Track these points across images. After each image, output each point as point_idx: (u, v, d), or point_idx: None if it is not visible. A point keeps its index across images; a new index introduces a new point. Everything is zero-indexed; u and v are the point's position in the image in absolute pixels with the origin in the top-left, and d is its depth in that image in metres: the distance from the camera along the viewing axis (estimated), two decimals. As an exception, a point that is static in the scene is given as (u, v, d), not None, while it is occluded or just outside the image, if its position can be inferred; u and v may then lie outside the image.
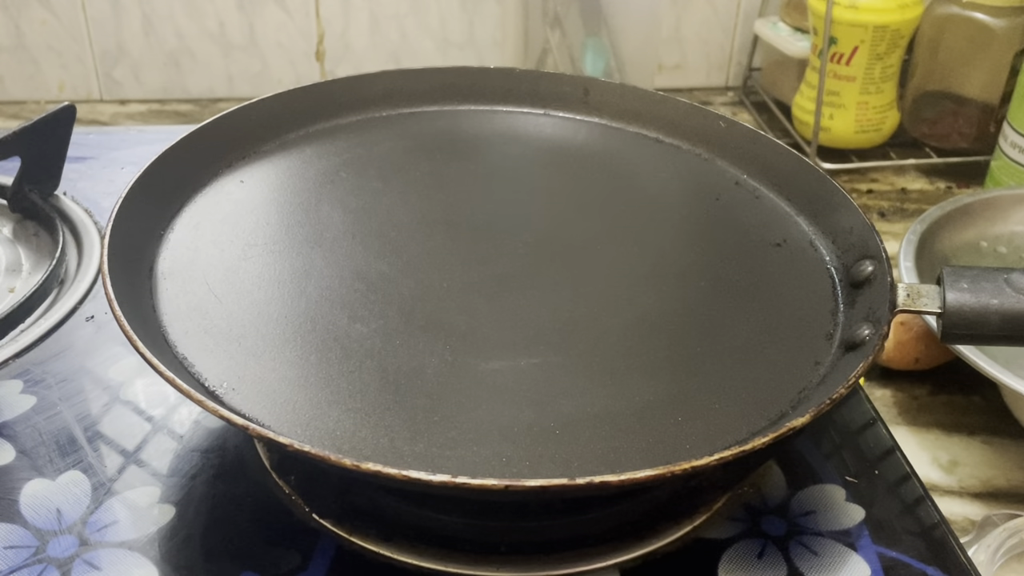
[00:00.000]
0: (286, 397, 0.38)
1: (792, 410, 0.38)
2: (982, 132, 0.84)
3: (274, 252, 0.46)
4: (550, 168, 0.54)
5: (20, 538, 0.38)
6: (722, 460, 0.32)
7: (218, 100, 0.98)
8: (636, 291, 0.45)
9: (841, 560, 0.39)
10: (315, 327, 0.41)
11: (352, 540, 0.39)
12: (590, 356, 0.41)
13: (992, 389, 0.59)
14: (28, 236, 0.57)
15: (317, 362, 0.40)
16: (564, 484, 0.31)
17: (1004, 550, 0.47)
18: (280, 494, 0.40)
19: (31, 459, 0.42)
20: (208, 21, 0.94)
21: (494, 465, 0.35)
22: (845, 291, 0.45)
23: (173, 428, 0.44)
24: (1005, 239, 0.66)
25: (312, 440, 0.36)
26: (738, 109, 0.98)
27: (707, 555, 0.39)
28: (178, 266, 0.44)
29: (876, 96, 0.84)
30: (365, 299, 0.43)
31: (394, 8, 0.95)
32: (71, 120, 0.59)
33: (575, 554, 0.39)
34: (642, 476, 0.32)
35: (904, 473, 0.44)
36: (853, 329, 0.41)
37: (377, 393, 0.38)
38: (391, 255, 0.46)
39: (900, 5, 0.80)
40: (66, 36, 0.94)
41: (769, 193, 0.52)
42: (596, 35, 0.87)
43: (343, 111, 0.56)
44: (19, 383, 0.46)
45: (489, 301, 0.44)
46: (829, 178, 0.49)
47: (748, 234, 0.49)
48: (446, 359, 0.40)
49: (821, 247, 0.48)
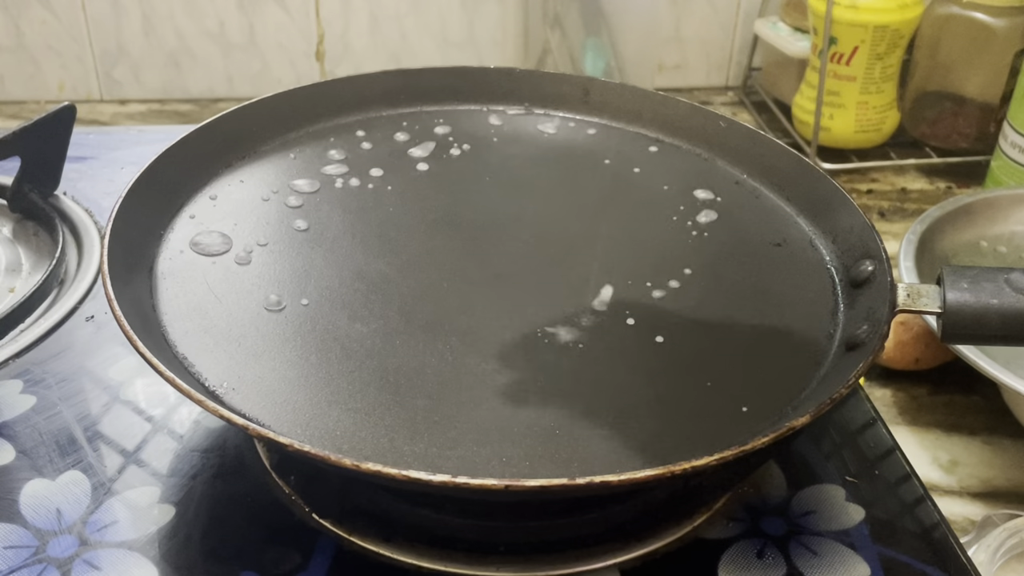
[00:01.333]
0: (286, 397, 0.38)
1: (792, 410, 0.38)
2: (982, 132, 0.84)
3: (274, 252, 0.46)
4: (550, 168, 0.54)
5: (20, 538, 0.38)
6: (722, 460, 0.32)
7: (218, 100, 0.98)
8: (636, 291, 0.45)
9: (841, 560, 0.39)
10: (315, 327, 0.41)
11: (352, 540, 0.39)
12: (590, 356, 0.41)
13: (992, 389, 0.59)
14: (28, 236, 0.57)
15: (317, 362, 0.40)
16: (564, 484, 0.31)
17: (1004, 550, 0.47)
18: (280, 494, 0.40)
19: (31, 459, 0.42)
20: (208, 21, 0.94)
21: (494, 465, 0.35)
22: (845, 291, 0.45)
23: (173, 428, 0.44)
24: (1005, 239, 0.66)
25: (312, 440, 0.36)
26: (738, 109, 0.98)
27: (707, 555, 0.39)
28: (178, 266, 0.44)
29: (876, 96, 0.84)
30: (365, 299, 0.43)
31: (394, 8, 0.95)
32: (71, 120, 0.59)
33: (575, 554, 0.39)
34: (642, 476, 0.32)
35: (904, 473, 0.44)
36: (853, 329, 0.41)
37: (377, 393, 0.38)
38: (391, 255, 0.46)
39: (900, 5, 0.80)
40: (66, 36, 0.94)
41: (769, 193, 0.52)
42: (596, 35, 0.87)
43: (343, 111, 0.56)
44: (19, 383, 0.46)
45: (489, 301, 0.44)
46: (829, 178, 0.49)
47: (748, 234, 0.49)
48: (446, 359, 0.40)
49: (821, 247, 0.48)
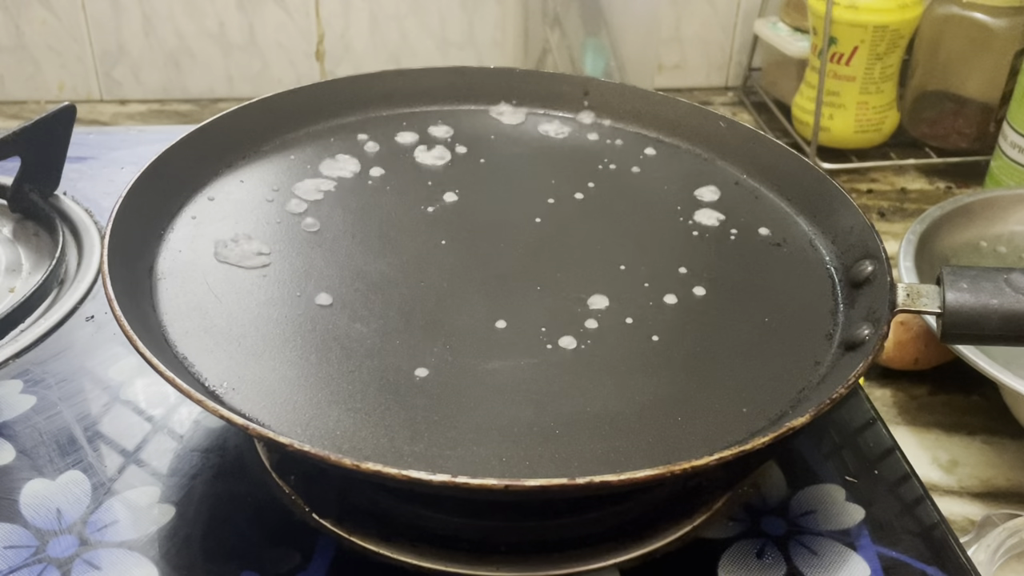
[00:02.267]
0: (286, 397, 0.38)
1: (792, 410, 0.38)
2: (982, 132, 0.84)
3: (274, 252, 0.46)
4: (550, 168, 0.54)
5: (20, 538, 0.38)
6: (722, 460, 0.32)
7: (218, 100, 0.98)
8: (636, 291, 0.45)
9: (841, 560, 0.39)
10: (315, 327, 0.41)
11: (352, 540, 0.39)
12: (590, 356, 0.41)
13: (992, 389, 0.59)
14: (28, 236, 0.57)
15: (317, 362, 0.40)
16: (564, 484, 0.31)
17: (1004, 550, 0.47)
18: (280, 494, 0.40)
19: (31, 459, 0.42)
20: (208, 21, 0.94)
21: (494, 465, 0.35)
22: (845, 291, 0.45)
23: (173, 428, 0.44)
24: (1005, 239, 0.66)
25: (312, 440, 0.36)
26: (738, 109, 0.98)
27: (707, 555, 0.39)
28: (178, 266, 0.44)
29: (876, 96, 0.84)
30: (365, 299, 0.43)
31: (394, 8, 0.95)
32: (71, 120, 0.59)
33: (575, 554, 0.39)
34: (642, 476, 0.32)
35: (904, 473, 0.44)
36: (853, 329, 0.41)
37: (377, 393, 0.38)
38: (391, 255, 0.46)
39: (900, 5, 0.80)
40: (66, 36, 0.94)
41: (769, 193, 0.52)
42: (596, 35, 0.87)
43: (343, 111, 0.56)
44: (19, 383, 0.46)
45: (489, 301, 0.44)
46: (829, 178, 0.49)
47: (748, 234, 0.49)
48: (446, 359, 0.40)
49: (821, 247, 0.48)
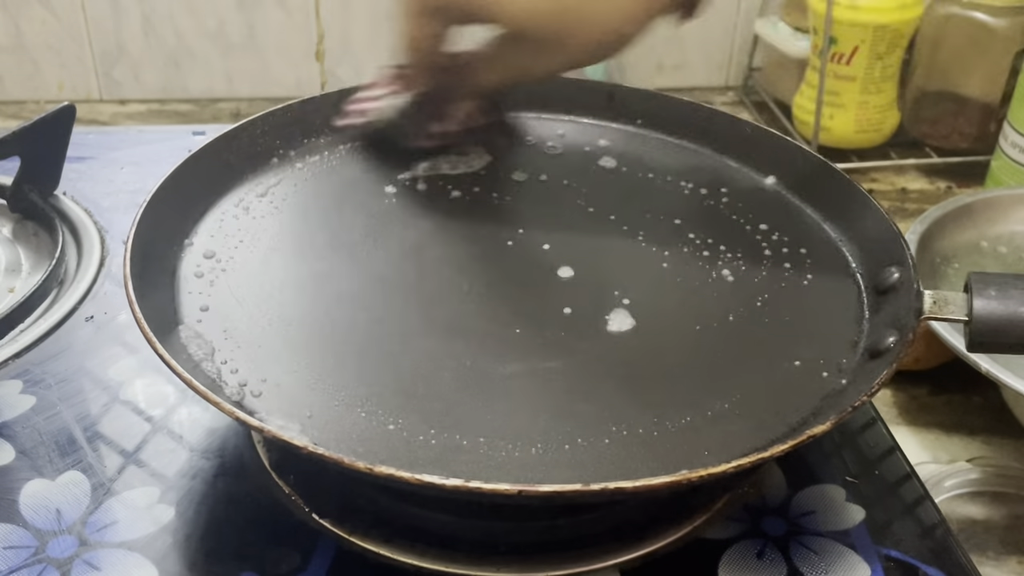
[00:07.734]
0: (303, 400, 0.38)
1: (813, 417, 0.38)
2: (982, 132, 0.84)
3: (295, 256, 0.46)
4: (570, 173, 0.53)
5: (20, 538, 0.38)
6: (740, 468, 0.32)
7: (218, 100, 0.98)
8: (656, 295, 0.44)
9: (841, 560, 0.39)
10: (335, 330, 0.41)
11: (352, 540, 0.39)
12: (607, 360, 0.41)
13: (992, 389, 0.59)
14: (28, 236, 0.57)
15: (335, 365, 0.39)
16: (578, 490, 0.31)
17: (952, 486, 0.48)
18: (280, 494, 0.40)
19: (31, 459, 0.42)
20: (208, 21, 0.94)
21: (508, 469, 0.35)
22: (871, 297, 0.44)
23: (172, 428, 0.44)
24: (1005, 239, 0.66)
25: (328, 443, 0.35)
26: (738, 109, 0.98)
27: (707, 555, 0.39)
28: (200, 270, 0.44)
29: (876, 96, 0.84)
30: (385, 302, 0.43)
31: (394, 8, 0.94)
32: (71, 120, 0.59)
33: (575, 554, 0.39)
34: (658, 483, 0.31)
35: (904, 473, 0.44)
36: (878, 336, 0.41)
37: (393, 396, 0.38)
38: (412, 258, 0.46)
39: (900, 5, 0.80)
40: (66, 36, 0.94)
41: (794, 199, 0.51)
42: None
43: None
44: (19, 383, 0.46)
45: (508, 304, 0.43)
46: (855, 183, 0.48)
47: (772, 238, 0.49)
48: (464, 363, 0.40)
49: (847, 253, 0.47)
